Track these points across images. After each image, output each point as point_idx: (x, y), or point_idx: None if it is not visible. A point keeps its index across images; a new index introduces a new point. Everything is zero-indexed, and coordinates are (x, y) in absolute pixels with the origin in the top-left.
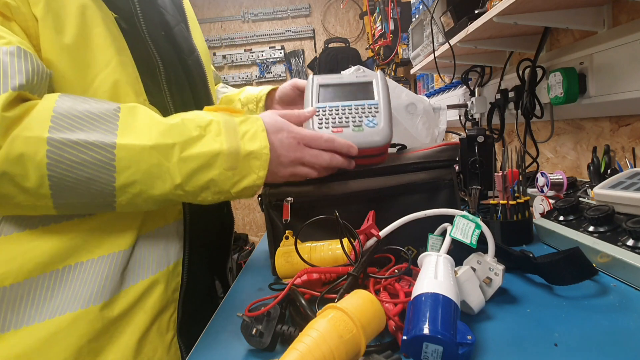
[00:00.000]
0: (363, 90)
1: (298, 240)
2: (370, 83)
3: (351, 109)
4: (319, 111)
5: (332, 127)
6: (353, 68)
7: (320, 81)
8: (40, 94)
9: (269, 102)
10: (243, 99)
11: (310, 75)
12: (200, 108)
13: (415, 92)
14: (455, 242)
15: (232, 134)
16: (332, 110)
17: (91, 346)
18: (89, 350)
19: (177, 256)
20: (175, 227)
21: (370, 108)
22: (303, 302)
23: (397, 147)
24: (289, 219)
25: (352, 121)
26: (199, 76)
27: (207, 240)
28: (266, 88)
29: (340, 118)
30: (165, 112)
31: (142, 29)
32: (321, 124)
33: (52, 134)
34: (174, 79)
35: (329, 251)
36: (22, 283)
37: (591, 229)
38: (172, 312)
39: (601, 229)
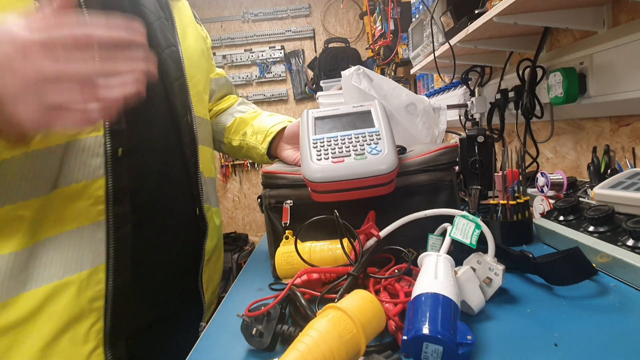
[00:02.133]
0: (361, 119)
1: (298, 241)
2: (369, 112)
3: (351, 138)
4: (316, 143)
5: (332, 157)
6: (353, 68)
7: (315, 114)
8: None
9: (278, 138)
10: (255, 126)
11: (305, 110)
12: (170, 102)
13: (415, 92)
14: (455, 242)
15: None
16: (330, 141)
17: None
18: None
19: (95, 262)
20: (90, 230)
21: (372, 135)
22: (303, 302)
23: (397, 149)
24: (288, 222)
25: (354, 150)
26: (174, 70)
27: (161, 246)
28: (278, 125)
29: (340, 148)
30: None
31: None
32: (320, 155)
33: None
34: None
35: (329, 251)
36: None
37: (591, 229)
38: (94, 322)
39: (601, 229)
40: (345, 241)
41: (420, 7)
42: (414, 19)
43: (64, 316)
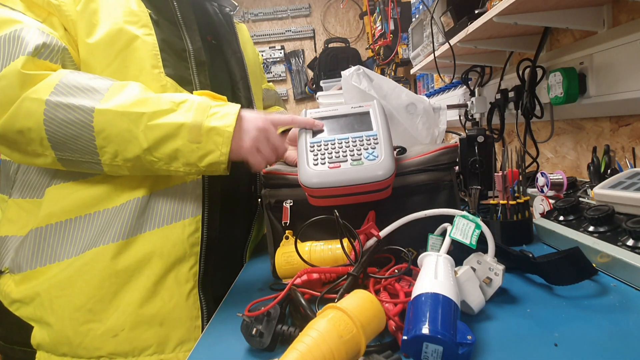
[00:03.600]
0: (360, 121)
1: (298, 241)
2: (367, 113)
3: (348, 142)
4: (313, 146)
5: (329, 162)
6: (353, 68)
7: (313, 115)
8: (58, 62)
9: (282, 139)
10: None
11: (303, 110)
12: (235, 95)
13: (415, 92)
14: (455, 242)
15: (202, 111)
16: (327, 144)
17: (112, 280)
18: (111, 284)
19: (195, 213)
20: (192, 186)
21: (369, 139)
22: (303, 302)
23: (397, 150)
24: (288, 221)
25: (350, 155)
26: (238, 71)
27: (235, 206)
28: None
29: (337, 152)
30: (188, 85)
31: (179, 22)
32: (316, 159)
33: (51, 97)
34: (210, 63)
35: (329, 251)
36: (63, 222)
37: (591, 229)
38: (193, 264)
39: (601, 229)
40: (345, 241)
41: (420, 7)
42: (414, 19)
43: (171, 256)
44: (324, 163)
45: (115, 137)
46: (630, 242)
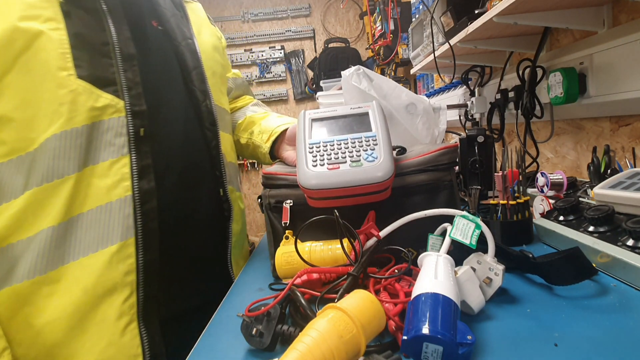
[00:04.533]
0: (359, 122)
1: (298, 241)
2: (367, 114)
3: (347, 143)
4: (312, 147)
5: (328, 164)
6: (353, 68)
7: (312, 115)
8: None
9: (281, 139)
10: (262, 125)
11: (302, 111)
12: (188, 88)
13: (415, 92)
14: (455, 242)
15: None
16: (326, 145)
17: (28, 310)
18: (29, 312)
19: (124, 236)
20: (118, 205)
21: (368, 141)
22: (303, 302)
23: (397, 150)
24: (288, 221)
25: (350, 156)
26: (191, 60)
27: (193, 216)
28: (283, 126)
29: (337, 154)
30: (109, 86)
31: (101, 9)
32: (315, 161)
33: None
34: (155, 55)
35: (329, 251)
36: None
37: (591, 229)
38: (127, 295)
39: (601, 229)
40: (345, 241)
41: (420, 7)
42: (414, 19)
43: (98, 288)
44: (323, 164)
45: None
46: (630, 242)
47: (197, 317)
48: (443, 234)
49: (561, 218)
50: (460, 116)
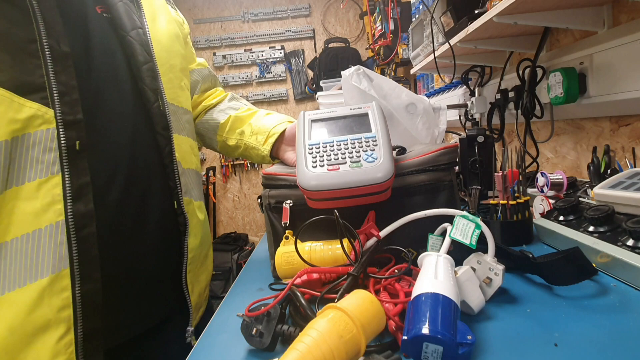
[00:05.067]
0: (358, 123)
1: (298, 241)
2: (366, 115)
3: (347, 144)
4: (312, 148)
5: (328, 165)
6: (353, 68)
7: (311, 116)
8: None
9: (280, 139)
10: (254, 125)
11: (301, 112)
12: (137, 87)
13: (415, 92)
14: (455, 242)
15: None
16: (326, 146)
17: None
18: None
19: (57, 267)
20: (48, 232)
21: (368, 141)
22: (303, 302)
23: (397, 150)
24: (288, 222)
25: (349, 157)
26: (141, 53)
27: (136, 245)
28: (280, 126)
29: (336, 155)
30: (36, 92)
31: (30, 1)
32: (315, 162)
33: None
34: (85, 53)
35: (329, 251)
36: None
37: (591, 229)
38: (63, 333)
39: (601, 229)
40: (345, 241)
41: (420, 7)
42: (414, 19)
43: (28, 327)
44: (323, 165)
45: None
46: (630, 242)
47: (147, 343)
48: (443, 234)
49: (561, 218)
50: (460, 116)
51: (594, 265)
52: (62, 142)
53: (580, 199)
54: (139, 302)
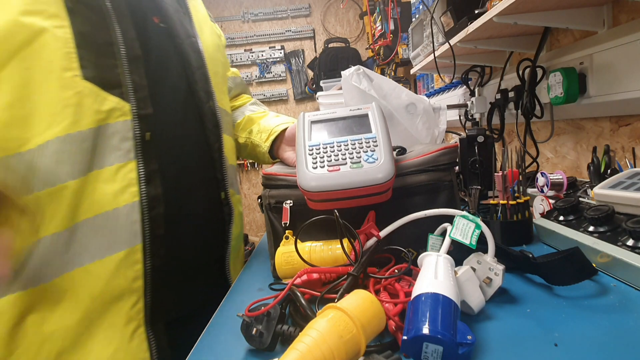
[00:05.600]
0: (358, 123)
1: (298, 241)
2: (366, 115)
3: (347, 145)
4: (312, 149)
5: (328, 165)
6: (353, 68)
7: (311, 118)
8: None
9: (280, 138)
10: (261, 124)
11: (301, 113)
12: (192, 89)
13: (415, 92)
14: (455, 242)
15: None
16: (326, 147)
17: (34, 317)
18: (35, 320)
19: (132, 242)
20: (126, 211)
21: (369, 142)
22: (303, 302)
23: (397, 150)
24: (288, 222)
25: (350, 158)
26: (195, 59)
27: (190, 229)
28: (282, 125)
29: (337, 155)
30: (115, 88)
31: (106, 7)
32: (315, 163)
33: None
34: (157, 53)
35: (329, 251)
36: None
37: (591, 229)
38: (135, 301)
39: (601, 229)
40: (345, 241)
41: (420, 7)
42: (414, 19)
43: (106, 295)
44: (323, 166)
45: None
46: (630, 242)
47: (199, 320)
48: (443, 234)
49: (561, 218)
50: (460, 116)
51: (594, 265)
52: (137, 132)
53: (580, 199)
54: (193, 282)
